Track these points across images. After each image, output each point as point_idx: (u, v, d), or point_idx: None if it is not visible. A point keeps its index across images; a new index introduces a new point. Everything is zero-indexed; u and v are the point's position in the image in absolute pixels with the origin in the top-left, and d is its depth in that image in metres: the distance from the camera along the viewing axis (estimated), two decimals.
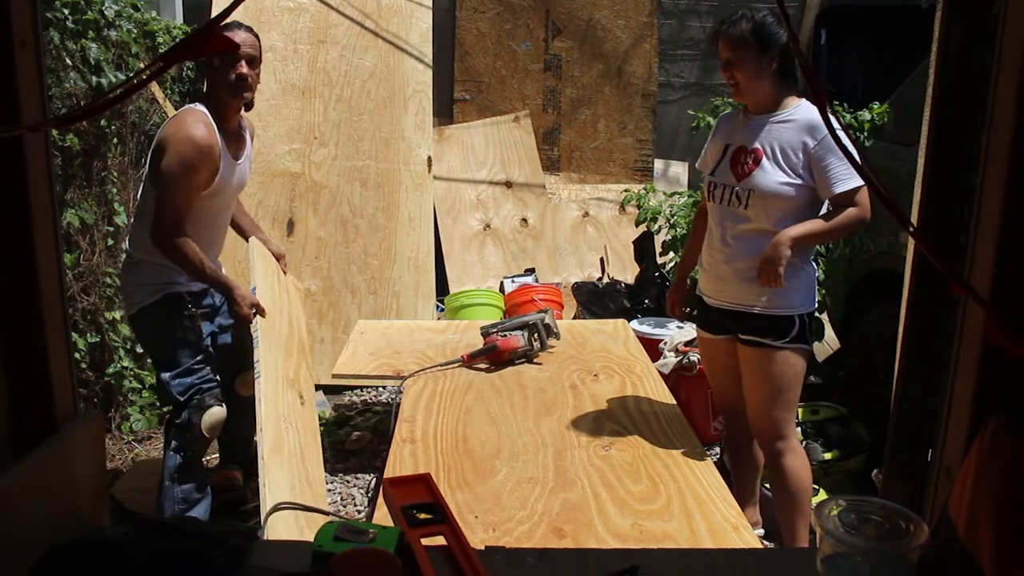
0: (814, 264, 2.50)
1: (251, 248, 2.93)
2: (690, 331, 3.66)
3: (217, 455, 3.26)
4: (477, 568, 1.07)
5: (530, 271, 5.19)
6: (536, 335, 3.08)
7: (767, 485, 2.76)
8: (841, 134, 0.86)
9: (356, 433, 3.67)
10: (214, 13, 4.34)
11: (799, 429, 3.23)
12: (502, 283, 5.08)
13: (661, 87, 6.01)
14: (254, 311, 2.67)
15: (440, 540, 1.20)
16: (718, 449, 3.44)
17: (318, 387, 3.69)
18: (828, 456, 3.18)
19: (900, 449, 1.17)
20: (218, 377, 2.78)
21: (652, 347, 3.61)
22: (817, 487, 2.94)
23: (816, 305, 2.49)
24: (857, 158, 0.89)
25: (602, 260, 5.48)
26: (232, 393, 2.97)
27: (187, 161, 2.51)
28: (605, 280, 5.21)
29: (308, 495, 2.48)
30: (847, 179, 2.27)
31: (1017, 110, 0.88)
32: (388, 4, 4.78)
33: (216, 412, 2.69)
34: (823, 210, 2.40)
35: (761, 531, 2.81)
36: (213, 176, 2.60)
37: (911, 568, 0.89)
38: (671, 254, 4.27)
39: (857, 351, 3.66)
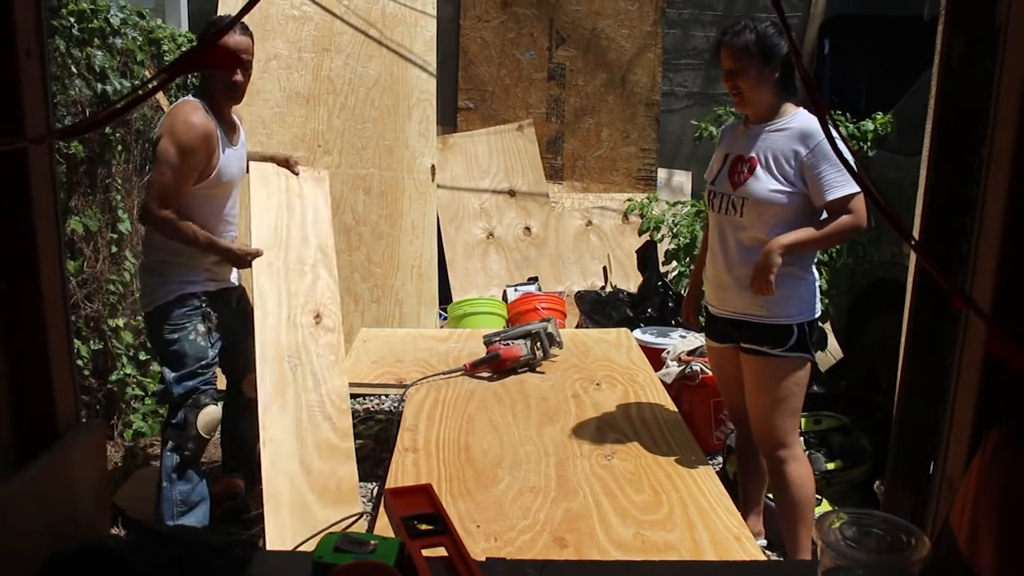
0: (815, 273, 2.50)
1: (251, 173, 2.96)
2: (693, 340, 3.65)
3: (220, 462, 3.25)
4: None
5: (533, 280, 5.18)
6: (539, 344, 3.08)
7: (770, 495, 2.76)
8: (843, 147, 0.87)
9: (358, 441, 3.66)
10: None
11: (801, 439, 3.22)
12: (505, 292, 5.08)
13: (665, 96, 6.02)
14: (251, 257, 2.77)
15: (441, 551, 1.20)
16: (720, 458, 3.43)
17: None
18: (831, 466, 3.17)
19: (902, 461, 1.16)
20: (225, 380, 2.79)
21: (655, 356, 3.60)
22: (820, 497, 2.93)
23: (818, 314, 2.48)
24: (857, 171, 0.89)
25: (605, 269, 5.48)
26: (237, 396, 2.98)
27: (183, 143, 2.58)
28: (608, 289, 5.21)
29: (320, 420, 2.57)
30: (840, 186, 2.28)
31: (1019, 122, 0.88)
32: (392, 13, 4.80)
33: (212, 411, 2.72)
34: (821, 218, 2.40)
35: (763, 541, 2.80)
36: (209, 162, 2.66)
37: None
38: (674, 263, 4.27)
39: (860, 361, 3.65)
